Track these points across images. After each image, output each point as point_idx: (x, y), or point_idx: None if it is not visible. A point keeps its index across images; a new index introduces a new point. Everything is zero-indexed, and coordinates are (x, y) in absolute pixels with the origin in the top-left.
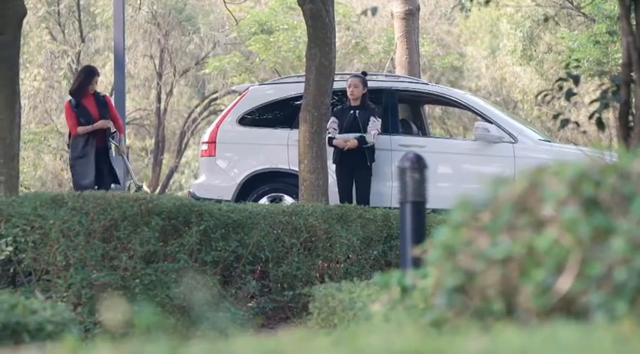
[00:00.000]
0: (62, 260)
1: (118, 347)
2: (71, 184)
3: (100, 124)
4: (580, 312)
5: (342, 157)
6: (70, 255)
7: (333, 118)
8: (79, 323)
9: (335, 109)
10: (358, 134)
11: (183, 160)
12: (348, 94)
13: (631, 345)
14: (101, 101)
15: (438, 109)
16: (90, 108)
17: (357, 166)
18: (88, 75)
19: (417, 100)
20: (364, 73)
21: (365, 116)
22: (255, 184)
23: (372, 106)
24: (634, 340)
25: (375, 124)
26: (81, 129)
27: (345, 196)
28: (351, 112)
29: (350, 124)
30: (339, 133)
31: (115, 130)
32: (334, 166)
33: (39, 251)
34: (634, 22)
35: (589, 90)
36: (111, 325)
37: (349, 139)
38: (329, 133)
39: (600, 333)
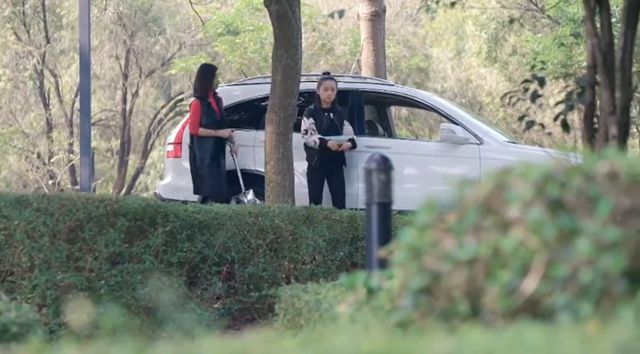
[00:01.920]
0: (27, 261)
1: (84, 349)
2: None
3: (225, 132)
4: (545, 313)
5: (322, 159)
6: (35, 256)
7: (311, 120)
8: (44, 325)
9: (308, 110)
10: (347, 137)
11: (148, 161)
12: (325, 96)
13: (596, 346)
14: (220, 102)
15: (404, 111)
16: (215, 108)
17: (334, 169)
18: (209, 73)
19: (383, 102)
20: (327, 74)
21: (339, 118)
22: None
23: (341, 108)
24: (599, 340)
25: (350, 128)
26: (203, 131)
27: (317, 197)
28: (326, 114)
29: (328, 126)
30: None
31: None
32: (301, 167)
33: (3, 252)
34: (598, 25)
35: (554, 92)
36: (76, 327)
37: (343, 142)
38: (311, 134)
39: (565, 334)
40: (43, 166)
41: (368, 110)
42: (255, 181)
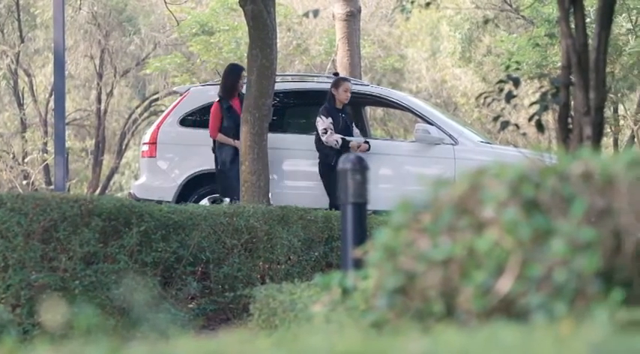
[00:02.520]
0: (0, 261)
1: (58, 349)
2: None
3: (239, 144)
4: (520, 313)
5: (332, 158)
6: (9, 256)
7: (330, 119)
8: (18, 325)
9: (325, 109)
10: (362, 139)
11: (123, 160)
12: (344, 98)
13: (570, 345)
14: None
15: (379, 111)
16: (238, 110)
17: None
18: (235, 73)
19: (358, 102)
20: (336, 74)
21: (349, 119)
22: (196, 186)
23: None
24: (573, 340)
25: (357, 130)
26: (221, 137)
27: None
28: (340, 114)
29: (343, 127)
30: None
31: None
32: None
33: None
34: (573, 25)
35: (528, 92)
36: (50, 327)
37: (361, 143)
38: (330, 133)
39: (540, 334)
40: (17, 166)
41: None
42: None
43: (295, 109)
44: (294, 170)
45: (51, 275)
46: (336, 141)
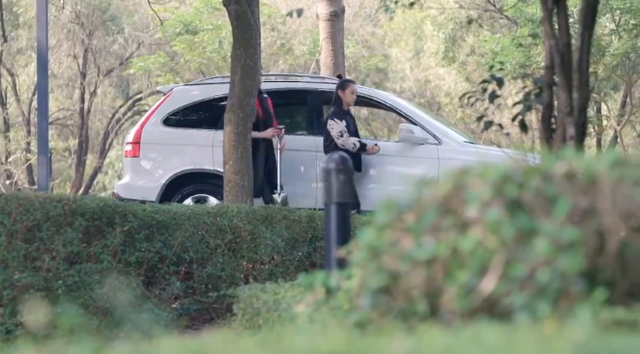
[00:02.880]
0: None
1: (41, 349)
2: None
3: (268, 133)
4: (503, 313)
5: (355, 161)
6: None
7: (344, 122)
8: (1, 324)
9: (335, 112)
10: (373, 141)
11: (106, 160)
12: (351, 100)
13: (553, 345)
14: (264, 101)
15: (363, 111)
16: (257, 107)
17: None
18: None
19: None
20: (340, 76)
21: (354, 121)
22: (180, 185)
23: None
24: (556, 340)
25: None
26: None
27: (357, 200)
28: (348, 116)
29: (353, 129)
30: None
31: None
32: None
33: None
34: (556, 26)
35: (512, 92)
36: (33, 327)
37: (374, 146)
38: (346, 137)
39: (523, 333)
40: (0, 166)
41: (327, 110)
42: (213, 181)
43: (279, 109)
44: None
45: (34, 275)
46: (354, 144)
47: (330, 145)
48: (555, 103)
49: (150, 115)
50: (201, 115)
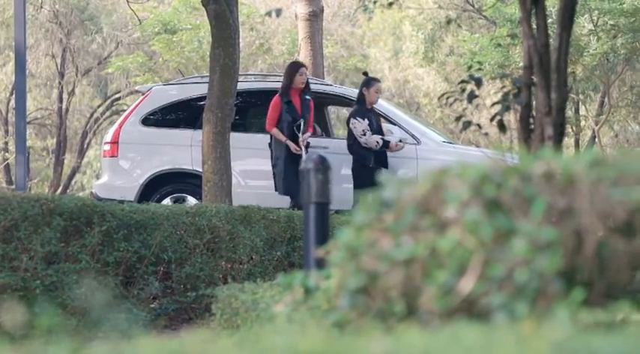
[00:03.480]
0: None
1: (18, 349)
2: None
3: (292, 145)
4: (482, 313)
5: (377, 159)
6: None
7: (366, 121)
8: None
9: (358, 111)
10: (397, 138)
11: (85, 160)
12: (374, 99)
13: (531, 345)
14: (305, 103)
15: (344, 111)
16: (297, 107)
17: (383, 169)
18: (291, 70)
19: (320, 102)
20: (365, 74)
21: (377, 120)
22: (158, 185)
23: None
24: (534, 340)
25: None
26: (275, 132)
27: None
28: (372, 114)
29: (375, 127)
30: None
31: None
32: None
33: None
34: (535, 26)
35: (491, 92)
36: (11, 327)
37: (398, 144)
38: (369, 135)
39: (501, 333)
40: None
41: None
42: (192, 180)
43: (257, 109)
44: (257, 170)
45: (12, 275)
46: (377, 142)
47: (353, 144)
48: (534, 103)
49: (128, 115)
50: (180, 114)
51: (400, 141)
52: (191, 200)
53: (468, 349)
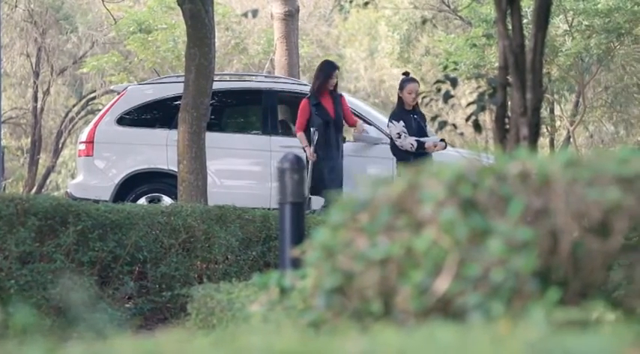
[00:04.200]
0: None
1: None
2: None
3: (308, 153)
4: (457, 313)
5: (416, 161)
6: None
7: (402, 123)
8: None
9: (394, 113)
10: (439, 138)
11: (60, 159)
12: (409, 100)
13: (507, 345)
14: (337, 100)
15: None
16: (328, 107)
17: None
18: (324, 71)
19: (296, 101)
20: (406, 74)
21: (422, 120)
22: (134, 185)
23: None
24: (510, 340)
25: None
26: (300, 135)
27: None
28: (410, 115)
29: (417, 128)
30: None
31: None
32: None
33: None
34: (510, 26)
35: (466, 92)
36: None
37: (437, 143)
38: (404, 137)
39: (477, 333)
40: None
41: (281, 110)
42: (167, 180)
43: (233, 109)
44: (232, 170)
45: None
46: (411, 144)
47: (393, 146)
48: (509, 103)
49: (103, 115)
50: (155, 114)
51: (442, 140)
52: (166, 200)
53: (443, 348)
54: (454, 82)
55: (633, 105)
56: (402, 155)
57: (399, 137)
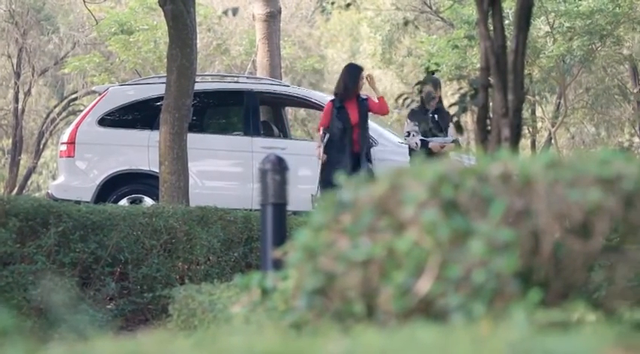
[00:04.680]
0: None
1: None
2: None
3: (318, 156)
4: (439, 313)
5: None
6: None
7: (413, 123)
8: None
9: (411, 111)
10: (451, 138)
11: (41, 160)
12: (428, 100)
13: (488, 346)
14: (363, 104)
15: (301, 112)
16: (350, 112)
17: None
18: (352, 74)
19: (278, 102)
20: (432, 73)
21: (444, 120)
22: (115, 186)
23: (447, 110)
24: (491, 340)
25: (453, 130)
26: (316, 135)
27: None
28: (430, 115)
29: (435, 128)
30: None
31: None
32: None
33: None
34: (491, 27)
35: (447, 93)
36: None
37: (445, 143)
38: (413, 136)
39: (459, 334)
40: None
41: (263, 111)
42: (149, 181)
43: (215, 110)
44: (214, 171)
45: None
46: (416, 143)
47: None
48: (490, 104)
49: (85, 115)
50: (137, 115)
51: (454, 141)
52: (148, 201)
53: (425, 349)
54: (436, 83)
55: (614, 106)
56: (414, 155)
57: (408, 135)
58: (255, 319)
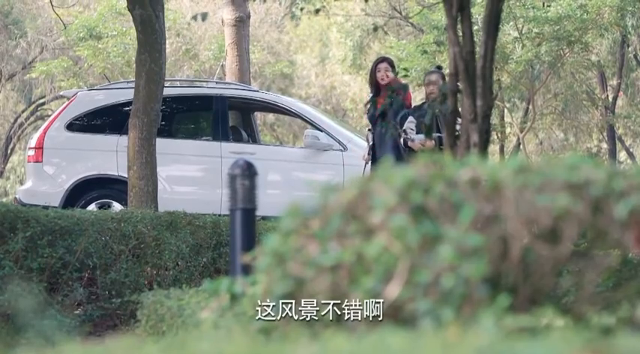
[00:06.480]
0: None
1: None
2: None
3: (362, 156)
4: (408, 318)
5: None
6: None
7: (410, 118)
8: None
9: (413, 107)
10: (437, 135)
11: (8, 165)
12: (427, 91)
13: (457, 350)
14: (389, 98)
15: (270, 117)
16: (377, 104)
17: None
18: (373, 65)
19: (247, 108)
20: (439, 67)
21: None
22: (84, 191)
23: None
24: (460, 345)
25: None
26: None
27: None
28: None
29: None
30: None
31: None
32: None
33: None
34: (460, 33)
35: (417, 99)
36: None
37: (425, 141)
38: (406, 134)
39: (427, 339)
40: None
41: (232, 116)
42: (117, 186)
43: (184, 115)
44: (183, 176)
45: None
46: (403, 139)
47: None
48: (460, 109)
49: (53, 120)
50: (106, 120)
51: (438, 137)
52: (116, 206)
53: None
54: (405, 89)
55: (582, 112)
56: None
57: (405, 133)
58: (224, 324)
